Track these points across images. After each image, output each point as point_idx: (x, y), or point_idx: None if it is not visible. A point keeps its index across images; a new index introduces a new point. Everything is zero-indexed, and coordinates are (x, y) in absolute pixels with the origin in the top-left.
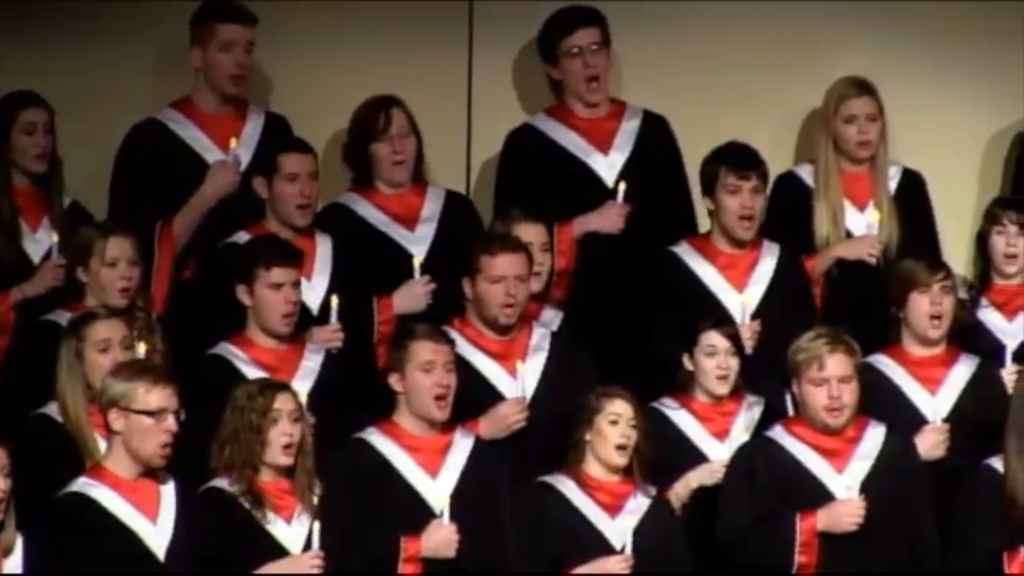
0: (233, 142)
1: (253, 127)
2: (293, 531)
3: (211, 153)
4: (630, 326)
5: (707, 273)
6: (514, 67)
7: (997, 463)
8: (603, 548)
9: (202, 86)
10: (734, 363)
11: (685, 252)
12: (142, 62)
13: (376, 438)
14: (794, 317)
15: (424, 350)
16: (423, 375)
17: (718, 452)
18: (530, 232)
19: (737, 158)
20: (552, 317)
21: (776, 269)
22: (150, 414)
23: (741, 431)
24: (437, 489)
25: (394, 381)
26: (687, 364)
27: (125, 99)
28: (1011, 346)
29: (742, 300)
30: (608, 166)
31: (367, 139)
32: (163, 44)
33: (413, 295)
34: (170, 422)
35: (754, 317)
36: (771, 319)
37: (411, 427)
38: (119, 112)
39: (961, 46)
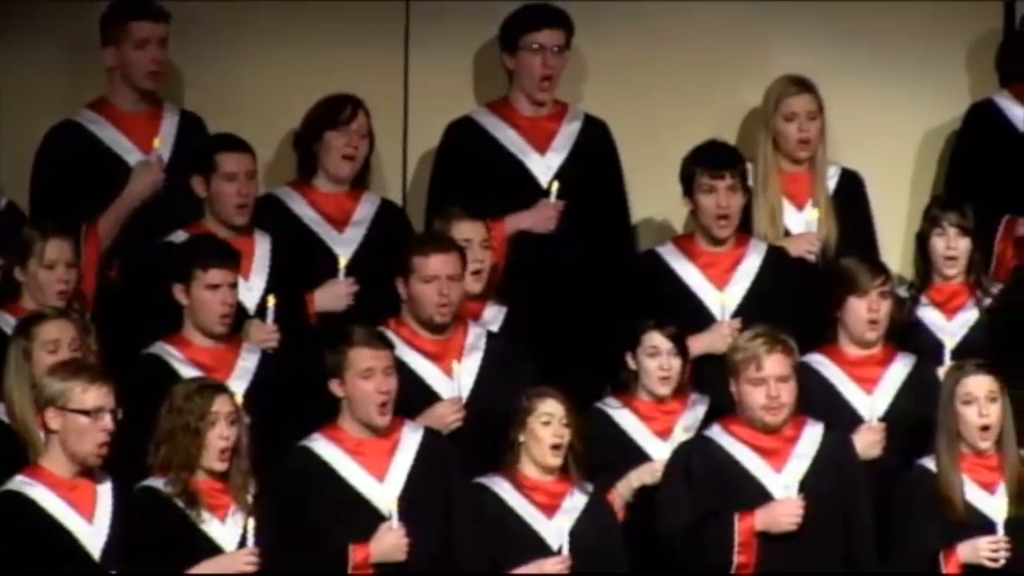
0: (156, 142)
1: (169, 125)
2: (227, 530)
3: (130, 154)
4: (561, 324)
5: (688, 272)
6: (451, 66)
7: (930, 463)
8: (540, 549)
9: (118, 85)
10: (676, 364)
11: (668, 252)
12: (54, 61)
13: (320, 444)
14: (776, 317)
15: (363, 357)
16: (363, 382)
17: (661, 451)
18: (469, 230)
19: (711, 158)
20: (496, 313)
21: (761, 268)
22: (86, 413)
23: (684, 430)
24: (384, 492)
25: (335, 387)
26: (630, 364)
27: (38, 99)
28: (950, 344)
29: (722, 298)
30: (544, 167)
31: (326, 126)
32: (75, 43)
33: (335, 294)
34: (106, 421)
35: (736, 315)
36: (754, 317)
37: (355, 431)
38: (32, 112)
39: (899, 45)
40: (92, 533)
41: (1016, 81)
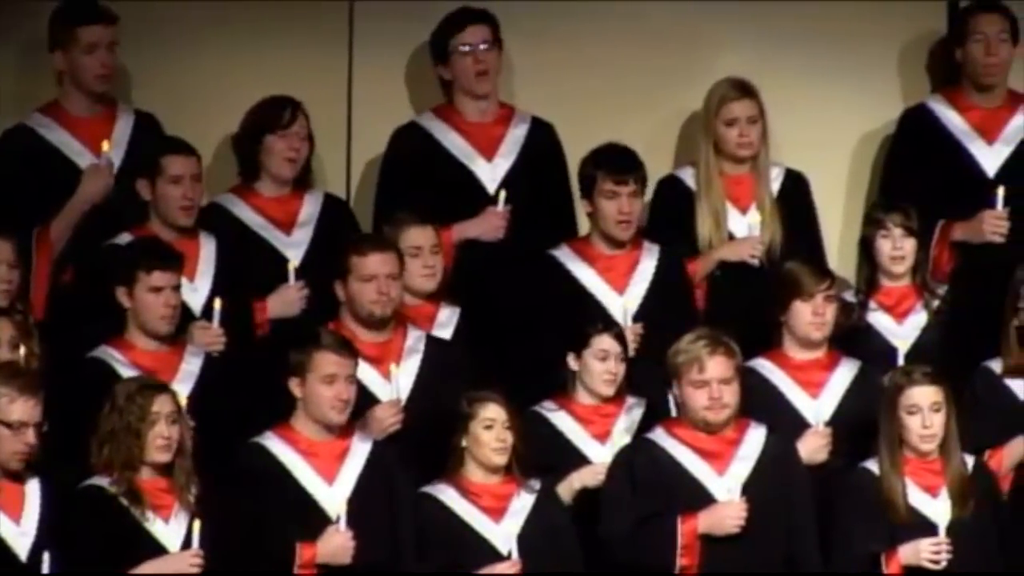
0: (106, 145)
1: (123, 127)
2: (171, 529)
3: (82, 157)
4: (508, 330)
5: (587, 276)
6: (395, 68)
7: (873, 465)
8: (490, 554)
9: (69, 88)
10: (621, 367)
11: (564, 255)
12: (6, 63)
13: (273, 443)
14: (675, 318)
15: (327, 362)
16: (324, 386)
17: (599, 454)
18: (419, 236)
19: (614, 162)
20: (450, 315)
21: (656, 270)
22: (9, 425)
23: (622, 433)
24: (333, 495)
25: (294, 386)
26: (572, 365)
27: None
28: (903, 348)
29: (623, 302)
30: (491, 173)
31: (266, 129)
32: (25, 45)
33: (287, 299)
34: (29, 435)
35: (636, 319)
36: (652, 321)
37: (308, 432)
38: None
39: (839, 47)
40: (19, 534)
41: (950, 86)
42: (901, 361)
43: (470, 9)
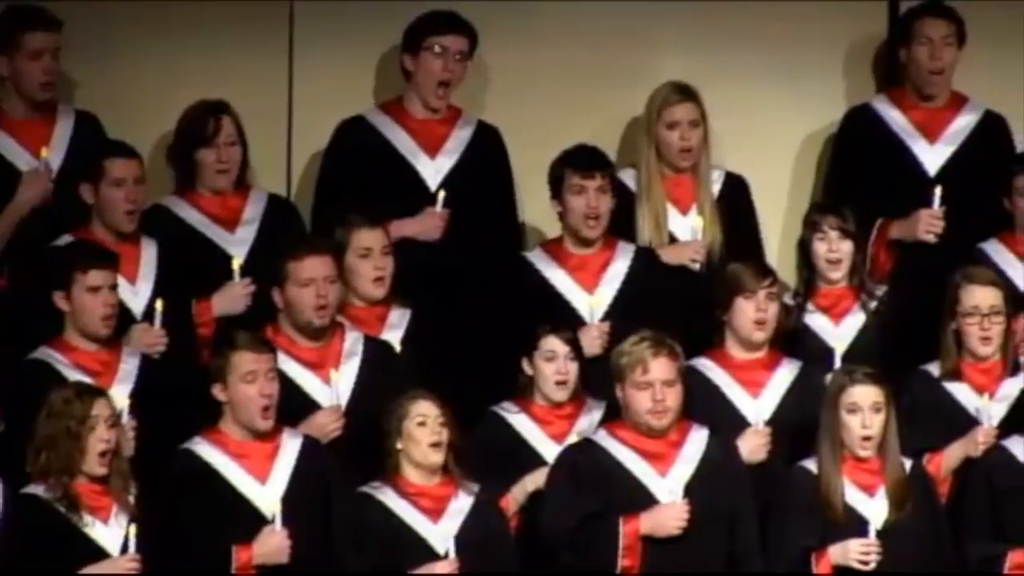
0: (44, 151)
1: (63, 129)
2: (111, 532)
3: (22, 160)
4: (457, 332)
5: (556, 276)
6: (336, 66)
7: (811, 464)
8: (427, 554)
9: (10, 93)
10: (573, 368)
11: (537, 257)
12: None
13: (202, 447)
14: (649, 317)
15: (245, 360)
16: (245, 386)
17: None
18: (371, 237)
19: (581, 159)
20: (400, 318)
21: (630, 270)
22: None
23: (580, 434)
24: (267, 495)
25: (217, 391)
26: (527, 368)
27: None
28: (840, 349)
29: (591, 301)
30: (433, 170)
31: (194, 144)
32: None
33: (232, 297)
34: None
35: (605, 318)
36: (623, 320)
37: (237, 434)
38: None
39: (780, 48)
40: None
41: (894, 86)
42: (838, 362)
43: (459, 18)
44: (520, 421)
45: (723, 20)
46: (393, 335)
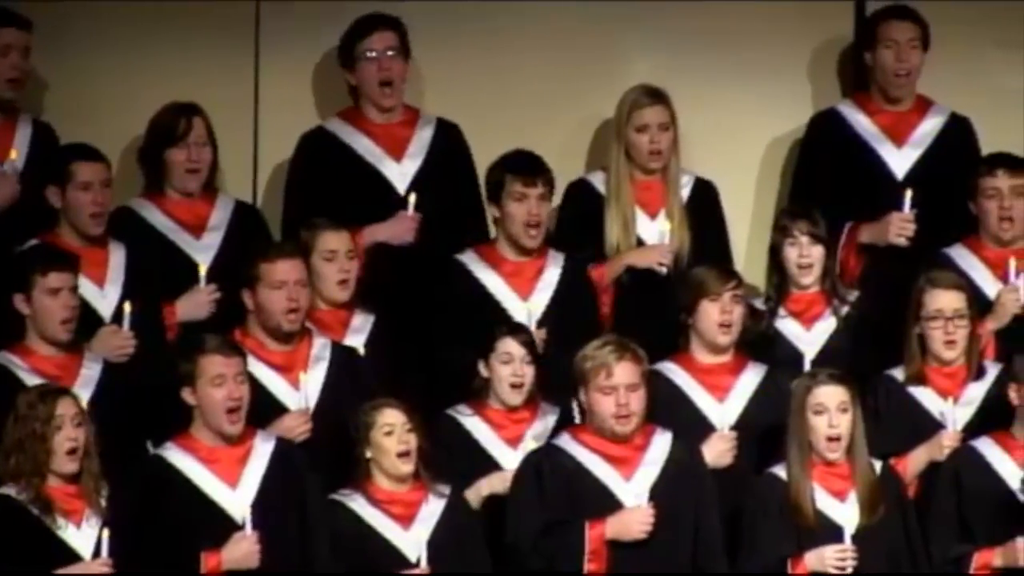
0: (13, 153)
1: (23, 135)
2: (83, 535)
3: None
4: (421, 335)
5: (492, 281)
6: (302, 71)
7: (780, 470)
8: (399, 561)
9: None
10: (529, 371)
11: (471, 260)
12: None
13: (173, 453)
14: (578, 326)
15: (214, 364)
16: (214, 389)
17: (511, 459)
18: (335, 240)
19: (523, 165)
20: (363, 322)
21: (561, 277)
22: None
23: (534, 438)
24: (237, 500)
25: (187, 395)
26: (483, 371)
27: None
28: (810, 354)
29: (527, 307)
30: (400, 174)
31: (164, 143)
32: None
33: (197, 303)
34: None
35: (540, 325)
36: (557, 327)
37: (207, 439)
38: None
39: (749, 51)
40: None
41: (860, 90)
42: (808, 367)
43: (377, 14)
44: (474, 424)
45: (692, 22)
46: (356, 340)
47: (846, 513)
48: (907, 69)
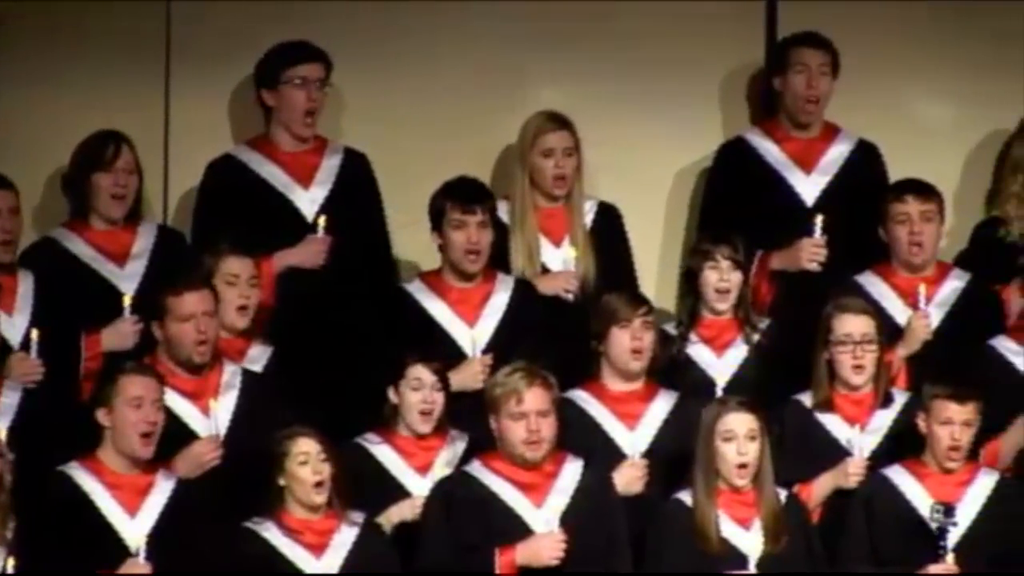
0: None
1: None
2: None
3: None
4: (335, 361)
5: (438, 309)
6: (213, 98)
7: (686, 496)
8: None
9: None
10: (439, 398)
11: (417, 289)
12: None
13: (77, 472)
14: (530, 350)
15: (133, 385)
16: (131, 411)
17: (421, 487)
18: (237, 265)
19: (462, 193)
20: (260, 353)
21: (510, 302)
22: None
23: (444, 466)
24: (135, 528)
25: (101, 416)
26: (392, 398)
27: None
28: (721, 381)
29: (473, 334)
30: (309, 201)
31: (91, 168)
32: None
33: (121, 333)
34: None
35: (487, 351)
36: (506, 352)
37: (114, 464)
38: None
39: (655, 79)
40: None
41: (768, 117)
42: (719, 394)
43: (310, 46)
44: (383, 452)
45: (600, 50)
46: (253, 369)
47: (750, 541)
48: (817, 95)
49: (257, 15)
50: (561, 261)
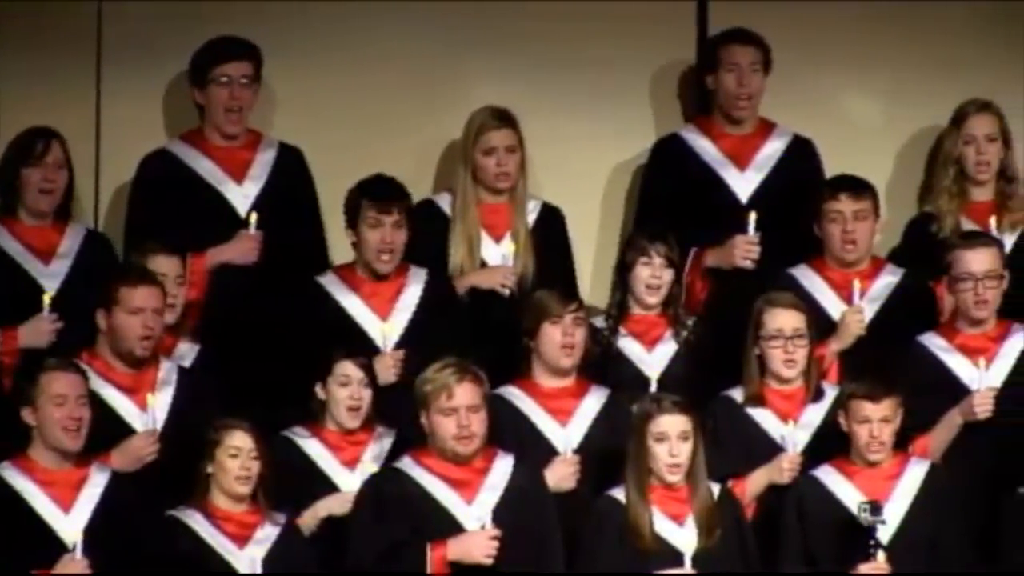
0: None
1: None
2: None
3: None
4: (265, 356)
5: (351, 303)
6: (144, 95)
7: (619, 493)
8: None
9: None
10: (367, 394)
11: (330, 282)
12: None
13: (8, 472)
14: (444, 342)
15: (56, 383)
16: (55, 408)
17: (348, 481)
18: (165, 264)
19: (379, 192)
20: (187, 350)
21: (423, 296)
22: None
23: (371, 461)
24: (70, 523)
25: (27, 415)
26: (319, 393)
27: None
28: (654, 376)
29: (384, 328)
30: (242, 196)
31: (20, 162)
32: None
33: (38, 330)
34: None
35: (400, 345)
36: (418, 346)
37: (45, 461)
38: None
39: (592, 76)
40: None
41: (703, 114)
42: (654, 389)
43: (237, 41)
44: (311, 446)
45: (538, 47)
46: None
47: (684, 537)
48: (749, 92)
49: (189, 12)
50: (500, 256)
